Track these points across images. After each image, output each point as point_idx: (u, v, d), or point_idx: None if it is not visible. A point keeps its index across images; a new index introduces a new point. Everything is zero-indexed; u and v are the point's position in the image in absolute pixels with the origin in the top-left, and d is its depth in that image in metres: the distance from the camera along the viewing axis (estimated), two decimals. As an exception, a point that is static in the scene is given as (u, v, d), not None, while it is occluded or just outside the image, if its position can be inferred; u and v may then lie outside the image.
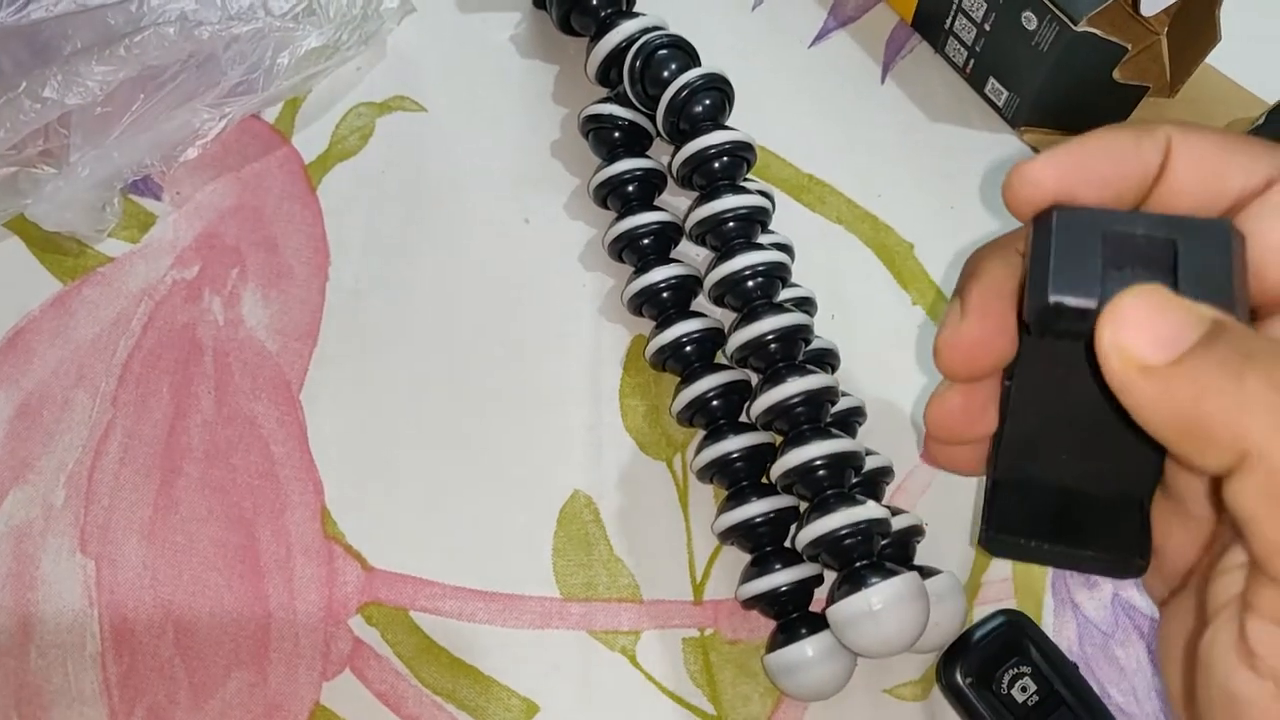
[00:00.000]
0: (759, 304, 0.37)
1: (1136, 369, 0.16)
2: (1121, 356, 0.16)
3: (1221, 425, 0.15)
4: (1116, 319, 0.16)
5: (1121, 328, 0.16)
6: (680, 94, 0.38)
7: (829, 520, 0.34)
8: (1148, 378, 0.16)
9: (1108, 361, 0.16)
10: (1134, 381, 0.16)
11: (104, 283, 0.41)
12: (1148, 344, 0.16)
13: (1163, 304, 0.16)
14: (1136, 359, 0.16)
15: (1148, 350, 0.16)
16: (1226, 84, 0.45)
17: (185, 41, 0.37)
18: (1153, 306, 0.16)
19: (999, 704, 0.35)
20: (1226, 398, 0.15)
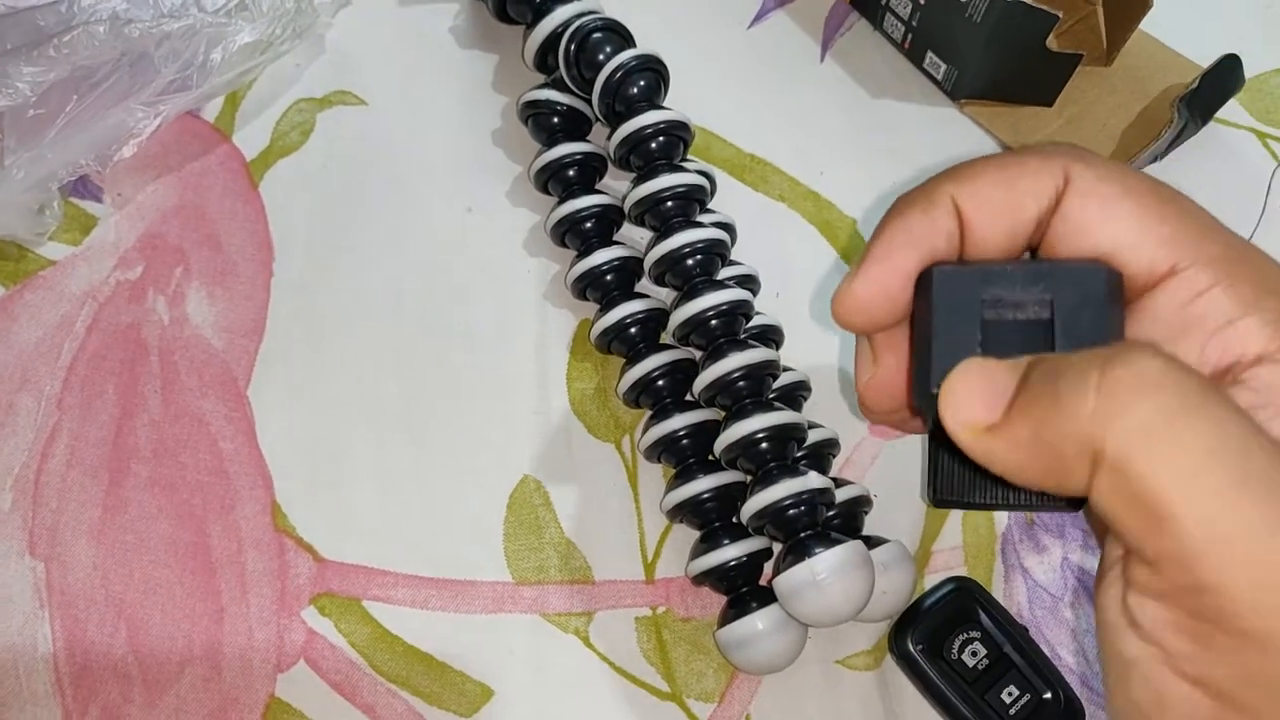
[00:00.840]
0: (699, 281, 0.37)
1: (982, 433, 0.17)
2: (966, 429, 0.17)
3: (1066, 446, 0.16)
4: (950, 401, 0.17)
5: (956, 406, 0.17)
6: (614, 76, 0.38)
7: (772, 492, 0.34)
8: (993, 437, 0.17)
9: (959, 439, 0.17)
10: (985, 445, 0.17)
11: (46, 286, 0.41)
12: (980, 409, 0.17)
13: (979, 372, 0.17)
14: (977, 425, 0.17)
15: (981, 414, 0.17)
16: (1162, 50, 0.45)
17: (116, 40, 0.37)
18: (972, 377, 0.17)
19: (950, 669, 0.35)
20: (1056, 420, 0.16)
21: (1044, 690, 0.35)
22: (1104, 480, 0.15)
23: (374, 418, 0.40)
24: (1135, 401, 0.15)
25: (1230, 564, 0.15)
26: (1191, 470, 0.15)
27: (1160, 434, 0.15)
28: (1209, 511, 0.15)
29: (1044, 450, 0.16)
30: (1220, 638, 0.15)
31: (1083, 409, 0.15)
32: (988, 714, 0.35)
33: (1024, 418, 0.16)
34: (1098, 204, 0.19)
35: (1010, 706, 0.35)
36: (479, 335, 0.41)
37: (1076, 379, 0.16)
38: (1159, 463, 0.15)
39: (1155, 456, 0.15)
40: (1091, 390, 0.15)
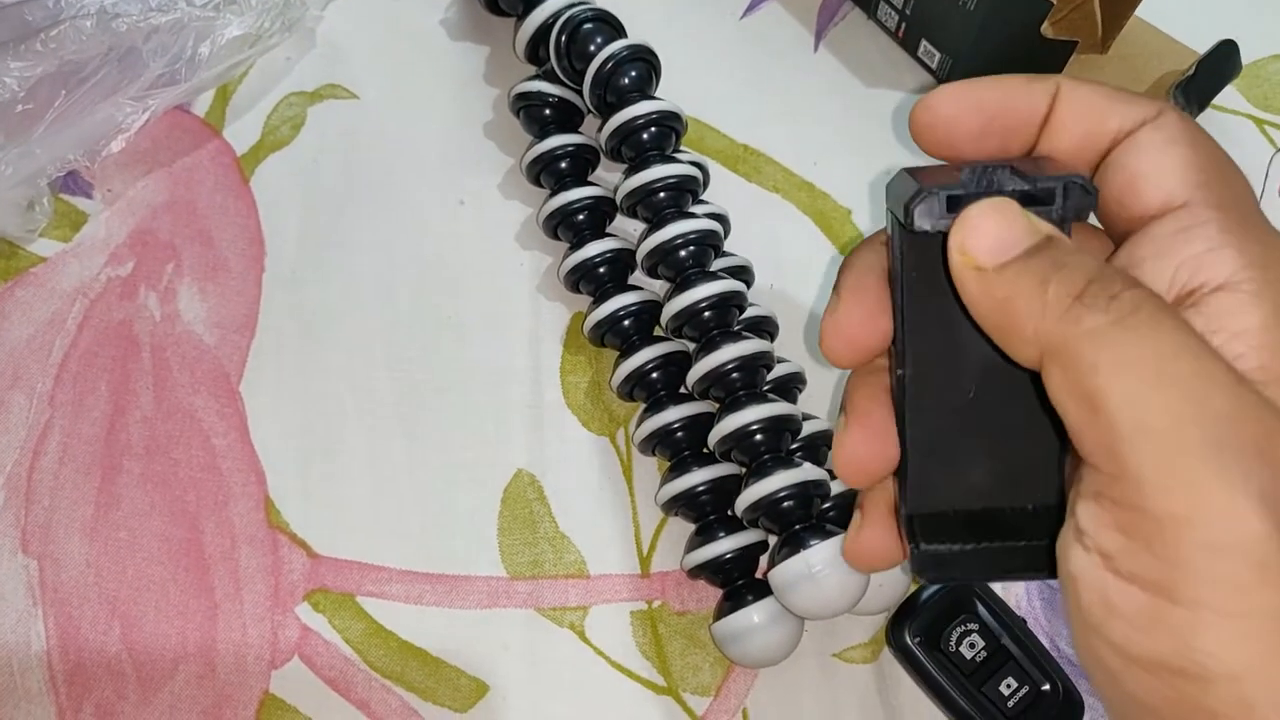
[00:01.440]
0: (691, 273, 0.37)
1: (971, 268, 0.18)
2: (961, 255, 0.18)
3: (1025, 325, 0.17)
4: (964, 224, 0.18)
5: (967, 232, 0.18)
6: (605, 66, 0.38)
7: (766, 484, 0.34)
8: (976, 277, 0.18)
9: (951, 257, 0.19)
10: (966, 278, 0.18)
11: (37, 283, 0.41)
12: (983, 249, 0.18)
13: (1006, 216, 0.18)
14: (972, 259, 0.18)
15: (982, 254, 0.18)
16: (1158, 37, 0.45)
17: (104, 34, 0.36)
18: (997, 218, 0.18)
19: (948, 662, 0.35)
20: (1031, 300, 0.17)
21: (1042, 682, 0.35)
22: (1052, 371, 0.17)
23: (367, 413, 0.40)
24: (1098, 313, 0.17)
25: (1146, 450, 0.16)
26: (1124, 368, 0.16)
27: (1107, 338, 0.17)
28: (1134, 403, 0.16)
29: (1011, 315, 0.18)
30: (1143, 525, 0.16)
31: (1059, 308, 0.17)
32: (986, 706, 0.35)
33: (1012, 283, 0.18)
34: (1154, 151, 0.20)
35: (1009, 698, 0.35)
36: (472, 329, 0.41)
37: (1068, 280, 0.17)
38: (1101, 361, 0.17)
39: (1100, 356, 0.17)
40: (1071, 296, 0.17)
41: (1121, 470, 0.16)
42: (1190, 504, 0.16)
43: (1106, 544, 0.17)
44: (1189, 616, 0.16)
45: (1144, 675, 0.17)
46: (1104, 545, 0.17)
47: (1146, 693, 0.17)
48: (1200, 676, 0.16)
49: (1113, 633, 0.17)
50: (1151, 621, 0.16)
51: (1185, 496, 0.16)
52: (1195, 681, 0.16)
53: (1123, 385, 0.16)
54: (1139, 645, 0.17)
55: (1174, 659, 0.16)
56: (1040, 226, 0.18)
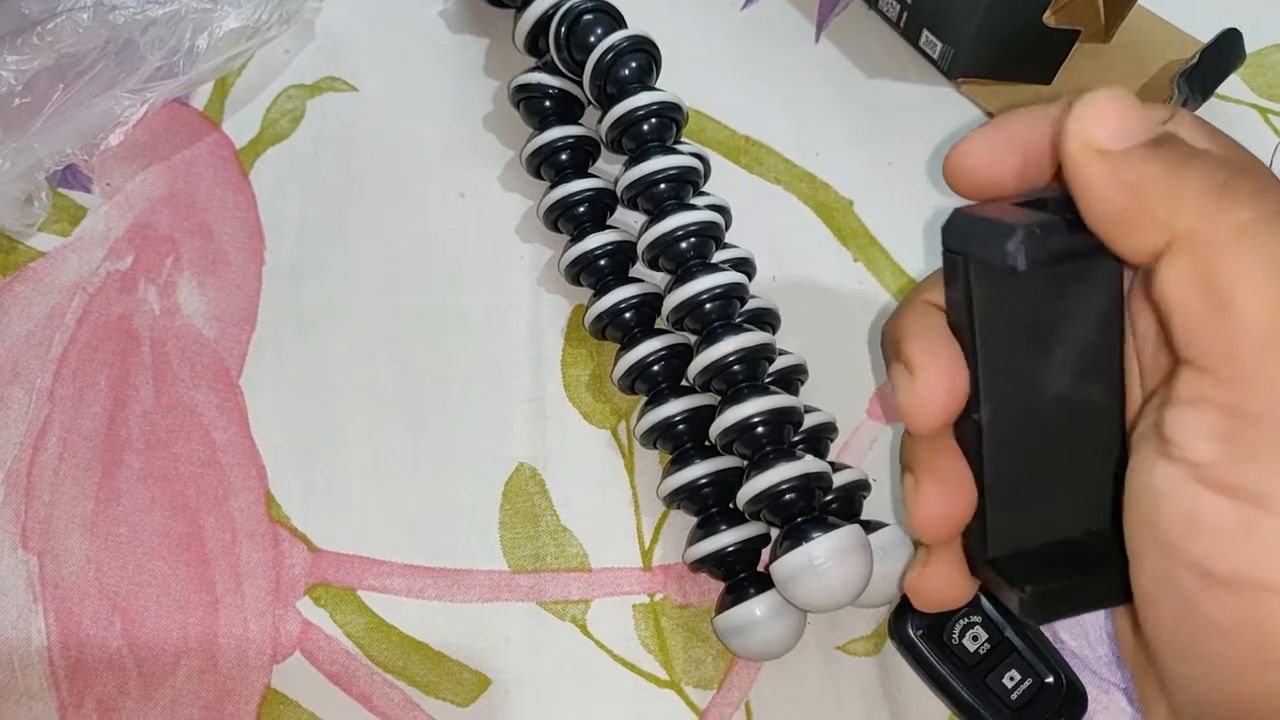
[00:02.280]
0: (693, 265, 0.36)
1: (1093, 151, 0.17)
2: (1082, 138, 0.17)
3: (1157, 207, 0.17)
4: (1084, 108, 0.17)
5: (1087, 117, 0.17)
6: (605, 57, 0.38)
7: (768, 476, 0.33)
8: (1100, 160, 0.17)
9: (1067, 143, 0.17)
10: (1088, 161, 0.17)
11: (36, 278, 0.41)
12: (1107, 132, 0.17)
13: (1127, 104, 0.17)
14: (1095, 143, 0.17)
15: (1105, 137, 0.17)
16: (1161, 26, 0.44)
17: (101, 27, 0.36)
18: (1118, 104, 0.17)
19: (951, 654, 0.35)
20: (1166, 185, 0.17)
21: (1046, 674, 0.35)
22: (1176, 263, 0.16)
23: (368, 406, 0.39)
24: (1243, 207, 0.16)
25: (1273, 358, 0.15)
26: (1266, 273, 0.16)
27: (1252, 237, 0.16)
28: (1269, 309, 0.15)
29: (1140, 199, 0.17)
30: (1250, 433, 0.15)
31: (1197, 193, 0.16)
32: (989, 699, 0.35)
33: (1140, 165, 0.17)
34: None
35: (1012, 691, 0.35)
36: (472, 322, 0.41)
37: (1206, 170, 0.17)
38: (1242, 257, 0.16)
39: (1241, 250, 0.16)
40: (1216, 187, 0.16)
41: (1240, 373, 0.16)
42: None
43: (1201, 452, 0.16)
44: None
45: (1225, 593, 0.16)
46: (1197, 454, 0.16)
47: (1225, 612, 0.16)
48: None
49: (1198, 550, 0.16)
50: (1243, 533, 0.16)
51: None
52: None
53: (1264, 285, 0.16)
54: (1224, 560, 0.16)
55: (1264, 573, 0.16)
56: (1161, 117, 0.18)
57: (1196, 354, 0.17)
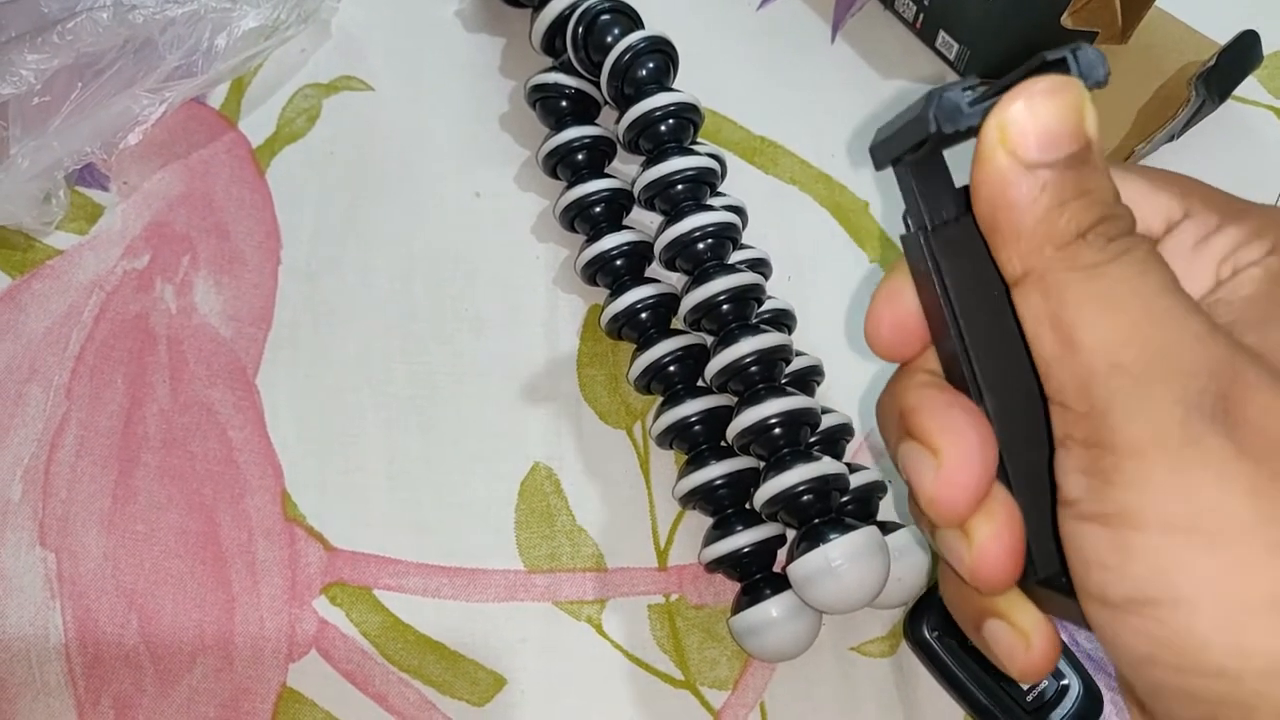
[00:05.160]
0: (710, 265, 0.36)
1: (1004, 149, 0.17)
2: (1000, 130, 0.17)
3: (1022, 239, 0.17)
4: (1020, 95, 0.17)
5: (1015, 110, 0.17)
6: (623, 58, 0.38)
7: (785, 478, 0.33)
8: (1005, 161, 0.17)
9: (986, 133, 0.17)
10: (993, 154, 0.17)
11: (54, 276, 0.41)
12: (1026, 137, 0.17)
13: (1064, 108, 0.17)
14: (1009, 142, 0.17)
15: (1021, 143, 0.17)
16: (1178, 27, 0.44)
17: (120, 26, 0.36)
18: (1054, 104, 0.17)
19: (966, 656, 0.35)
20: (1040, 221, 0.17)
21: (1061, 676, 0.35)
22: (1035, 295, 0.17)
23: (383, 405, 0.39)
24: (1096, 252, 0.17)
25: (1116, 384, 0.16)
26: (1106, 307, 0.16)
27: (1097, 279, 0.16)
28: (1111, 341, 0.16)
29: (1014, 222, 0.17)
30: (1105, 460, 0.16)
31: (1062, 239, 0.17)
32: (1004, 700, 0.35)
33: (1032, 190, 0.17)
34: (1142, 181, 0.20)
35: (1027, 693, 0.35)
36: (488, 321, 0.41)
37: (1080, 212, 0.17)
38: (1084, 296, 0.16)
39: (1085, 293, 0.16)
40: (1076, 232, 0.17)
41: (1090, 405, 0.16)
42: (1154, 431, 0.16)
43: (1074, 490, 0.17)
44: (1155, 540, 0.16)
45: (1130, 620, 0.16)
46: (1071, 492, 0.17)
47: (1137, 640, 0.16)
48: (1175, 600, 0.16)
49: (1093, 585, 0.17)
50: (1120, 556, 0.16)
51: (1149, 425, 0.16)
52: (1172, 607, 0.16)
53: (1103, 322, 0.16)
54: (1114, 587, 0.16)
55: (1149, 588, 0.16)
56: (1088, 128, 0.17)
57: (1055, 390, 0.17)
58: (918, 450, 0.19)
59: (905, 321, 0.21)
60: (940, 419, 0.19)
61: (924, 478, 0.19)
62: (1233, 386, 0.16)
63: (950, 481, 0.18)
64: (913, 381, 0.20)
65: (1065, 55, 0.17)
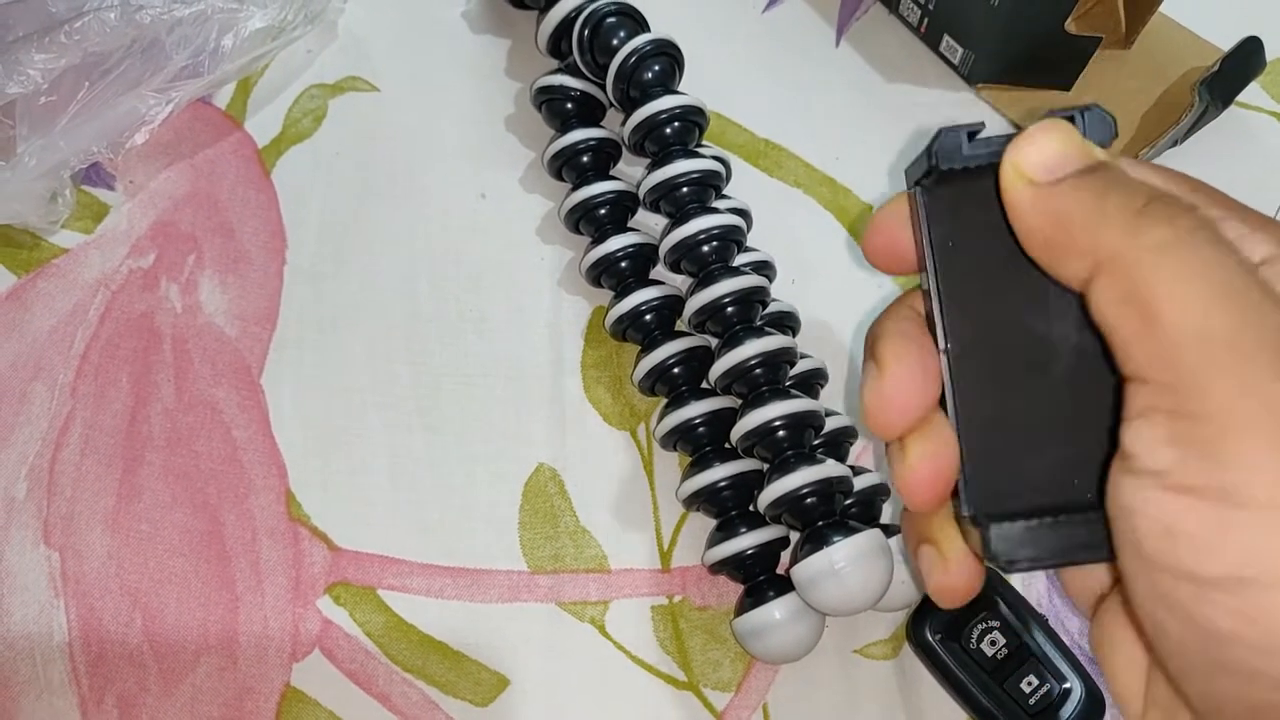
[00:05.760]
0: (715, 268, 0.37)
1: (1024, 181, 0.18)
2: (1014, 169, 0.18)
3: (1081, 235, 0.17)
4: (1022, 139, 0.18)
5: (1022, 148, 0.18)
6: (629, 60, 0.38)
7: (789, 480, 0.34)
8: (1031, 192, 0.18)
9: (1003, 170, 0.18)
10: (1018, 193, 0.18)
11: (59, 274, 0.41)
12: (1039, 163, 0.18)
13: (1062, 136, 0.18)
14: (1026, 174, 0.18)
15: (1037, 170, 0.18)
16: (1182, 32, 0.44)
17: (127, 26, 0.36)
18: (1052, 137, 0.18)
19: (968, 658, 0.35)
20: (1088, 214, 0.17)
21: (1064, 680, 0.35)
22: (1106, 283, 0.17)
23: (388, 406, 0.40)
24: (1160, 226, 0.17)
25: (1207, 355, 0.16)
26: (1186, 278, 0.16)
27: (1169, 252, 0.17)
28: (1196, 311, 0.16)
29: (1065, 228, 0.18)
30: (1200, 432, 0.16)
31: (1120, 220, 0.17)
32: (1007, 704, 0.35)
33: (1068, 196, 0.18)
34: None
35: (1030, 696, 0.35)
36: (493, 323, 0.41)
37: (1126, 196, 0.17)
38: (1161, 271, 0.17)
39: (1160, 265, 0.17)
40: (1134, 210, 0.17)
41: (1178, 377, 0.16)
42: (1252, 403, 0.16)
43: (1160, 461, 0.17)
44: (1257, 519, 0.15)
45: (1220, 597, 0.16)
46: (1157, 463, 0.17)
47: (1221, 615, 0.16)
48: (1273, 582, 0.15)
49: (1179, 558, 0.16)
50: (1218, 532, 0.16)
51: (1246, 397, 0.16)
52: (1267, 589, 0.15)
53: (1185, 293, 0.16)
54: (1208, 563, 0.16)
55: (1247, 568, 0.16)
56: (1095, 150, 0.18)
57: (1136, 367, 0.17)
58: (870, 367, 0.22)
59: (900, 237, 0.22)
60: (895, 345, 0.21)
61: (867, 389, 0.21)
62: None
63: (885, 394, 0.21)
64: (892, 314, 0.22)
65: (1073, 114, 0.19)
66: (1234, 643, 0.16)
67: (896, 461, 0.21)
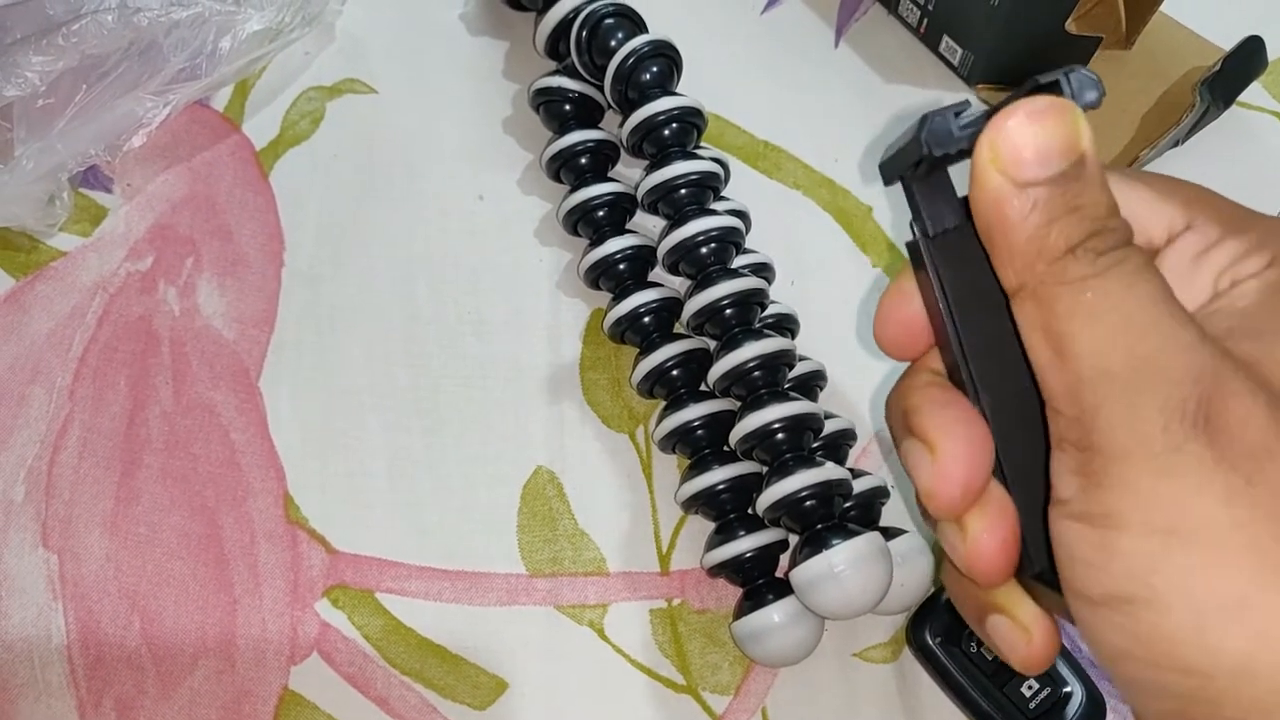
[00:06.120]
0: (713, 270, 0.36)
1: (996, 170, 0.17)
2: (991, 150, 0.18)
3: (1017, 254, 0.18)
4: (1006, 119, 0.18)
5: (1008, 132, 0.17)
6: (627, 62, 0.38)
7: (788, 483, 0.33)
8: (998, 183, 0.17)
9: (979, 152, 0.18)
10: (987, 175, 0.18)
11: (57, 277, 0.41)
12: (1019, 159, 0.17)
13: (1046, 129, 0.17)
14: (1000, 163, 0.17)
15: (1010, 164, 0.17)
16: (1182, 32, 0.44)
17: (124, 29, 0.36)
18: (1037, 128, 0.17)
19: (969, 662, 0.35)
20: (1030, 234, 0.17)
21: (1065, 683, 0.35)
22: (1030, 306, 0.18)
23: (386, 409, 0.39)
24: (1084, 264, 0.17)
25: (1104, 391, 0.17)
26: (1095, 317, 0.17)
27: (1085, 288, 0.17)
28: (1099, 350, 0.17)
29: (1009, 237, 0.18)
30: (1095, 463, 0.17)
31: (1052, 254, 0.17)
32: (1007, 708, 0.34)
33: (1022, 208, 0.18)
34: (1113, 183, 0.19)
35: (1030, 700, 0.35)
36: (491, 325, 0.41)
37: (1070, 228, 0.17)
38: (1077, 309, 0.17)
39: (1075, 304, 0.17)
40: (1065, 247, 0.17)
41: (1080, 410, 0.17)
42: (1138, 437, 0.16)
43: (1066, 491, 0.17)
44: (1136, 542, 0.16)
45: (1109, 615, 0.17)
46: (1064, 493, 0.18)
47: (1116, 635, 0.17)
48: (1150, 599, 0.16)
49: (1077, 579, 0.17)
50: (1104, 555, 0.17)
51: (1134, 431, 0.16)
52: (1147, 606, 0.16)
53: (1091, 333, 0.17)
54: (1096, 583, 0.17)
55: (1127, 586, 0.17)
56: (1081, 143, 0.17)
57: (1050, 397, 0.18)
58: (917, 447, 0.20)
59: (911, 322, 0.21)
60: (938, 418, 0.20)
61: (921, 472, 0.20)
62: (1214, 394, 0.16)
63: (944, 476, 0.19)
64: (916, 381, 0.21)
65: (1058, 77, 0.18)
66: (1128, 660, 0.17)
67: (955, 540, 0.20)
